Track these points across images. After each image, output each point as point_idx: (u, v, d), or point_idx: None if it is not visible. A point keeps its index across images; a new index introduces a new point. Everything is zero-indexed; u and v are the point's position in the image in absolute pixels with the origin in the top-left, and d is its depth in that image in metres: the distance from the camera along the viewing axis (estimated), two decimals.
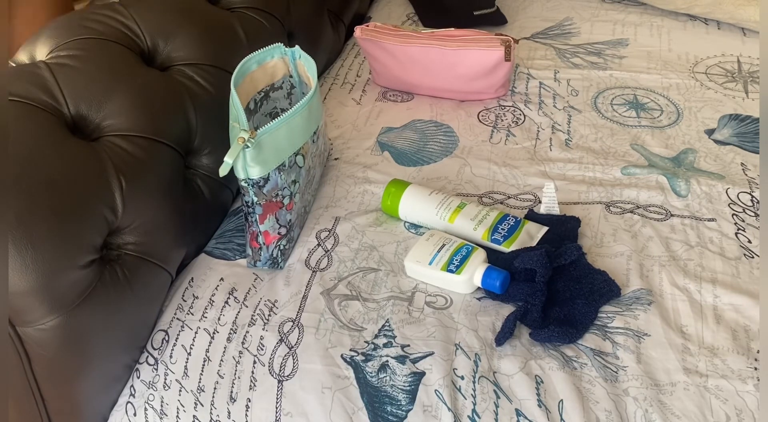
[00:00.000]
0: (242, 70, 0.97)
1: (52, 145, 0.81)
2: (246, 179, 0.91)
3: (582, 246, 0.95)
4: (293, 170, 0.95)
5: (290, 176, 0.95)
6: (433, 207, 1.01)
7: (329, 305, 0.91)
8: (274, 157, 0.92)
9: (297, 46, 1.04)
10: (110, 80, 0.90)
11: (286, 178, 0.94)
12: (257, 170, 0.90)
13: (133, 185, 0.86)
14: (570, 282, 0.91)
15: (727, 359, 0.82)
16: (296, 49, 1.04)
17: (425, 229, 1.02)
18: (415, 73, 1.30)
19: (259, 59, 1.01)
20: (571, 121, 1.23)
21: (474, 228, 0.98)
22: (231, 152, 0.86)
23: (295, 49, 1.04)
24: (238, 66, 0.96)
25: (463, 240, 0.96)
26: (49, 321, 0.76)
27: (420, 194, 1.03)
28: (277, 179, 0.93)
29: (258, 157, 0.89)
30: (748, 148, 1.14)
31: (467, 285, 0.91)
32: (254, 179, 0.91)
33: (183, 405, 0.85)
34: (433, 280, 0.93)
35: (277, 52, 1.04)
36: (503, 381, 0.82)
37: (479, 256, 0.92)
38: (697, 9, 1.49)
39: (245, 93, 0.98)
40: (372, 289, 0.93)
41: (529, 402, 0.80)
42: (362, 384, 0.83)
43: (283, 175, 0.93)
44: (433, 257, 0.93)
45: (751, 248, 0.96)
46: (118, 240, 0.87)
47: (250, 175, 0.90)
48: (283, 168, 0.93)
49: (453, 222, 0.99)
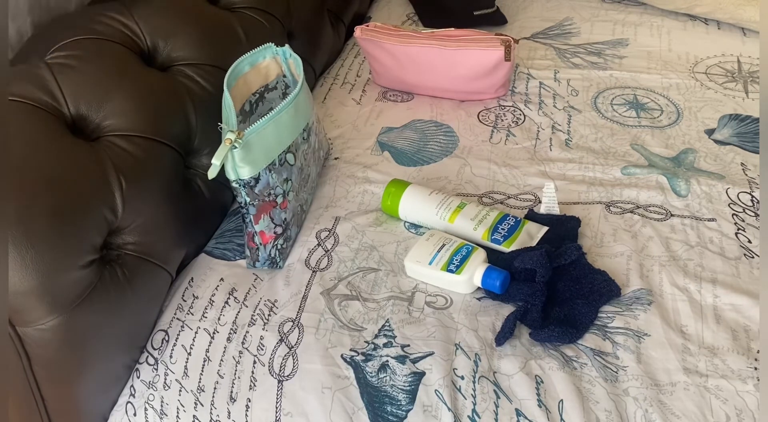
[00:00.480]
0: (235, 71, 0.97)
1: (52, 145, 0.81)
2: (237, 180, 0.91)
3: (582, 246, 0.95)
4: (284, 168, 0.95)
5: (281, 175, 0.95)
6: (433, 207, 1.01)
7: (329, 305, 0.91)
8: (263, 157, 0.92)
9: (287, 45, 1.04)
10: (110, 80, 0.90)
11: (278, 177, 0.94)
12: (247, 170, 0.90)
13: (133, 185, 0.86)
14: (570, 283, 0.91)
15: (727, 359, 0.82)
16: (286, 49, 1.04)
17: (425, 229, 1.02)
18: (415, 73, 1.30)
19: (252, 61, 1.01)
20: (571, 121, 1.23)
21: (474, 228, 0.98)
22: (218, 154, 0.86)
23: (285, 48, 1.04)
24: (231, 68, 0.96)
25: (463, 240, 0.96)
26: (49, 321, 0.76)
27: (420, 194, 1.03)
28: (268, 178, 0.93)
29: (247, 157, 0.89)
30: (748, 148, 1.14)
31: (467, 285, 0.91)
32: (245, 179, 0.91)
33: (183, 405, 0.85)
34: (433, 280, 0.93)
35: (269, 53, 1.04)
36: (503, 381, 0.82)
37: (479, 256, 0.92)
38: (698, 9, 1.49)
39: (240, 95, 0.98)
40: (372, 289, 0.93)
41: (529, 402, 0.80)
42: (362, 384, 0.83)
43: (274, 174, 0.93)
44: (433, 257, 0.93)
45: (751, 248, 0.96)
46: (118, 240, 0.87)
47: (240, 175, 0.91)
48: (273, 167, 0.93)
49: (453, 222, 0.99)
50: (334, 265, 0.97)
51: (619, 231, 1.00)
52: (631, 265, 0.94)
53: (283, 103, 0.94)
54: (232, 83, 0.96)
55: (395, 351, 0.85)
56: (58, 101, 0.86)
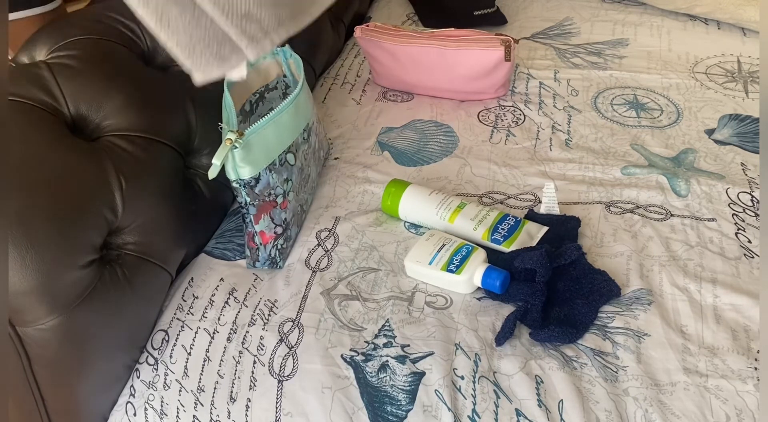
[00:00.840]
0: None
1: (52, 145, 0.81)
2: (237, 180, 0.91)
3: (582, 246, 0.95)
4: (284, 169, 0.95)
5: (282, 175, 0.95)
6: (433, 207, 1.01)
7: (329, 305, 0.91)
8: (263, 157, 0.92)
9: (287, 45, 1.04)
10: (110, 80, 0.90)
11: (278, 177, 0.94)
12: (247, 170, 0.90)
13: (133, 185, 0.86)
14: (570, 282, 0.91)
15: (727, 359, 0.82)
16: (286, 49, 1.04)
17: (425, 229, 1.02)
18: (415, 73, 1.30)
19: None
20: (571, 121, 1.23)
21: (474, 228, 0.98)
22: (218, 154, 0.86)
23: (285, 48, 1.04)
24: None
25: (463, 240, 0.96)
26: (49, 321, 0.76)
27: (420, 194, 1.03)
28: (268, 178, 0.93)
29: (247, 157, 0.89)
30: (748, 148, 1.14)
31: (467, 285, 0.91)
32: (245, 179, 0.91)
33: (183, 405, 0.85)
34: (433, 280, 0.93)
35: (269, 53, 1.04)
36: (503, 381, 0.82)
37: (479, 256, 0.92)
38: (698, 9, 1.49)
39: (239, 95, 0.98)
40: (372, 289, 0.93)
41: (529, 402, 0.80)
42: (362, 384, 0.83)
43: (274, 174, 0.93)
44: (433, 257, 0.93)
45: (751, 248, 0.96)
46: (118, 240, 0.87)
47: (240, 175, 0.91)
48: (273, 167, 0.93)
49: (453, 222, 0.99)
50: (334, 265, 0.97)
51: (619, 231, 1.00)
52: (631, 265, 0.94)
53: (284, 103, 0.95)
54: (232, 83, 0.96)
55: (395, 351, 0.85)
56: (58, 101, 0.86)
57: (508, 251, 0.95)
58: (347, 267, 0.97)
